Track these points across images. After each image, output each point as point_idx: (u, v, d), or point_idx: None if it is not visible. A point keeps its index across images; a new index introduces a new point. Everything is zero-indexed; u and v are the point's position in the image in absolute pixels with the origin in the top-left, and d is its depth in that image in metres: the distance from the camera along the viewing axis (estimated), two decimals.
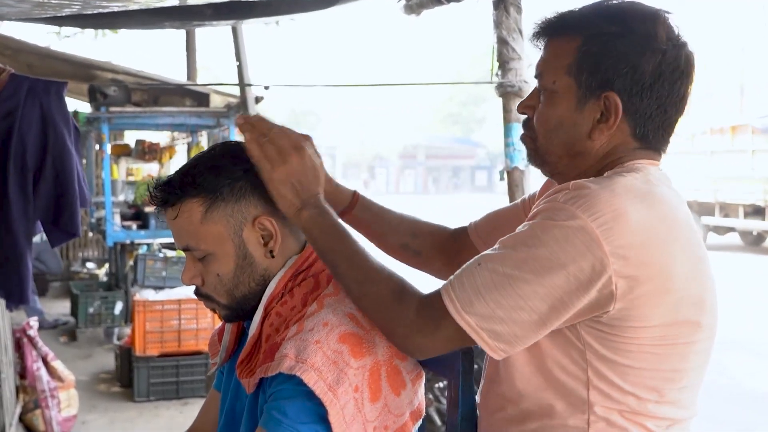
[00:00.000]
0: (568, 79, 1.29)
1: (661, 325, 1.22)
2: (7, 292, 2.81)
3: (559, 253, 1.17)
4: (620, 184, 1.22)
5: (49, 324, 7.63)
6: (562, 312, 1.19)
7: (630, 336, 1.22)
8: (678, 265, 1.22)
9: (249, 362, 1.35)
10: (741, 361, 7.03)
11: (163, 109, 6.98)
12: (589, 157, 1.32)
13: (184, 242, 1.36)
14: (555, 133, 1.32)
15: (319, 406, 1.20)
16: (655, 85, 1.26)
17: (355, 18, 44.60)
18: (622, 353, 1.23)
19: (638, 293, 1.18)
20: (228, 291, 1.37)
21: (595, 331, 1.23)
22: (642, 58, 1.25)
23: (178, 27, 4.55)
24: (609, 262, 1.16)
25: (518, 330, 1.20)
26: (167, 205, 1.35)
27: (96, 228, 8.02)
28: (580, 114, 1.30)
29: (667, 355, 1.24)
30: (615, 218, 1.17)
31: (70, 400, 4.75)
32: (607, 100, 1.27)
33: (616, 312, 1.19)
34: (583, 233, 1.16)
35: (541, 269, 1.18)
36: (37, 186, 2.71)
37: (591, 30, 1.28)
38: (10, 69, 2.69)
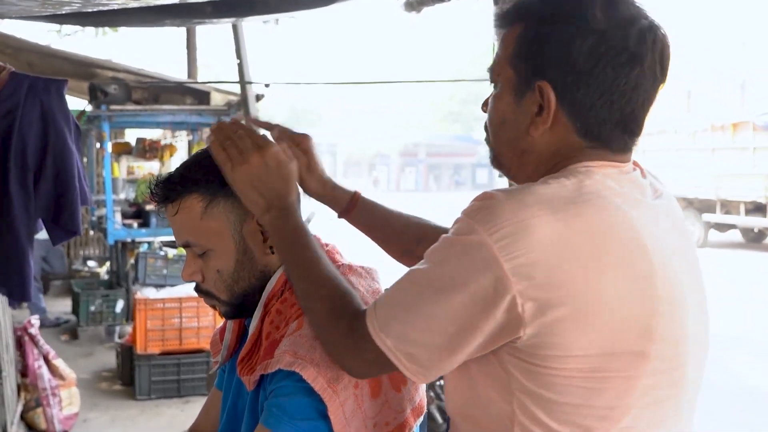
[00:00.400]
0: (509, 70, 1.17)
1: (589, 355, 1.04)
2: (8, 289, 2.80)
3: (459, 271, 1.06)
4: (536, 192, 1.07)
5: (50, 322, 7.64)
6: (470, 336, 1.06)
7: (553, 366, 1.05)
8: (605, 286, 1.03)
9: (249, 359, 1.35)
10: (742, 358, 7.03)
11: (164, 107, 6.98)
12: (533, 157, 1.18)
13: (184, 238, 1.36)
14: (501, 129, 1.20)
15: (319, 402, 1.20)
16: (593, 72, 1.10)
17: (356, 16, 44.58)
18: (547, 386, 1.06)
19: (552, 318, 1.02)
20: (228, 287, 1.37)
21: (515, 359, 1.07)
22: (574, 41, 1.10)
23: (179, 25, 4.55)
24: (511, 281, 1.02)
25: (432, 354, 1.09)
26: (167, 201, 1.36)
27: (97, 226, 8.03)
28: (519, 108, 1.16)
29: (601, 390, 1.06)
30: (517, 232, 1.02)
31: (72, 399, 4.76)
32: (541, 90, 1.13)
33: (529, 338, 1.04)
34: (481, 249, 1.03)
35: (443, 288, 1.06)
36: (38, 184, 2.71)
37: (531, 16, 1.15)
38: (11, 67, 2.69)
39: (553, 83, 1.12)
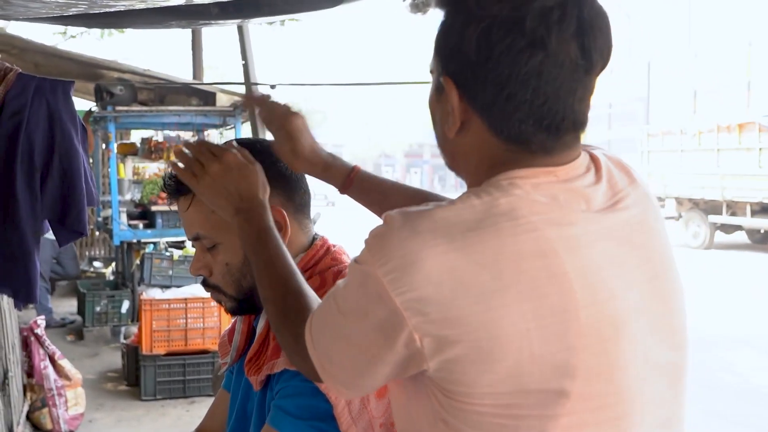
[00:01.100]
0: (436, 68, 1.06)
1: (498, 392, 0.95)
2: (14, 290, 2.81)
3: (359, 300, 0.99)
4: (433, 218, 0.97)
5: (56, 323, 7.66)
6: (376, 364, 1.00)
7: (467, 401, 0.97)
8: (508, 323, 0.93)
9: (257, 360, 1.35)
10: (748, 358, 7.02)
11: (170, 108, 7.00)
12: (462, 160, 1.08)
13: (195, 231, 1.37)
14: (435, 130, 1.10)
15: (325, 402, 1.20)
16: (488, 63, 0.97)
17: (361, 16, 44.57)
18: (462, 419, 0.99)
19: (452, 355, 0.94)
20: (236, 281, 1.37)
21: (435, 390, 1.00)
22: (466, 30, 0.98)
23: (185, 26, 4.55)
24: (404, 316, 0.94)
25: (347, 375, 1.04)
26: (180, 194, 1.37)
27: (103, 227, 8.05)
28: (438, 107, 1.06)
29: (517, 428, 0.97)
30: (405, 266, 0.94)
31: (77, 399, 4.77)
32: (446, 85, 1.02)
33: (434, 373, 0.97)
34: (373, 281, 0.96)
35: (349, 314, 1.01)
36: (45, 185, 2.71)
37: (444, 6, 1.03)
38: (18, 68, 2.70)
39: (454, 79, 1.01)
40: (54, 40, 11.50)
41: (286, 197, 1.38)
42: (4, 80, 2.66)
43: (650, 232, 1.08)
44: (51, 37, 12.08)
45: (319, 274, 1.38)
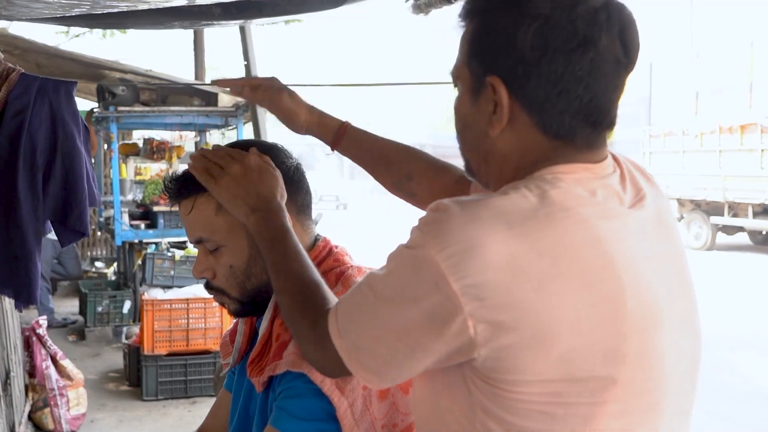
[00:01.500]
0: (465, 69, 1.10)
1: (549, 380, 0.97)
2: (15, 291, 2.81)
3: (410, 285, 0.99)
4: (492, 206, 0.99)
5: (57, 323, 7.66)
6: (419, 353, 1.00)
7: (514, 390, 0.98)
8: (564, 310, 0.95)
9: (259, 361, 1.35)
10: (749, 359, 7.02)
11: (172, 108, 7.00)
12: (498, 160, 1.10)
13: (197, 234, 1.36)
14: (464, 134, 1.14)
15: (327, 404, 1.20)
16: (542, 61, 1.01)
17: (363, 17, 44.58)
18: (508, 409, 0.99)
19: (506, 342, 0.95)
20: (240, 283, 1.37)
21: (477, 379, 1.01)
22: (518, 29, 1.01)
23: (187, 27, 4.55)
24: (461, 302, 0.95)
25: (380, 365, 1.04)
26: (182, 197, 1.36)
27: (105, 227, 8.05)
28: (476, 108, 1.09)
29: (564, 416, 0.98)
30: (466, 250, 0.95)
31: (79, 399, 4.78)
32: (493, 86, 1.05)
33: (484, 361, 0.97)
34: (429, 265, 0.96)
35: (395, 300, 1.01)
36: (47, 185, 2.72)
37: (479, 10, 1.08)
38: (20, 69, 2.70)
39: (503, 77, 1.04)
40: (56, 40, 11.51)
41: (288, 198, 1.37)
42: (7, 80, 2.66)
43: (669, 230, 1.12)
44: (53, 36, 12.09)
45: (322, 275, 1.38)
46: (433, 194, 1.51)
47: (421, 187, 1.59)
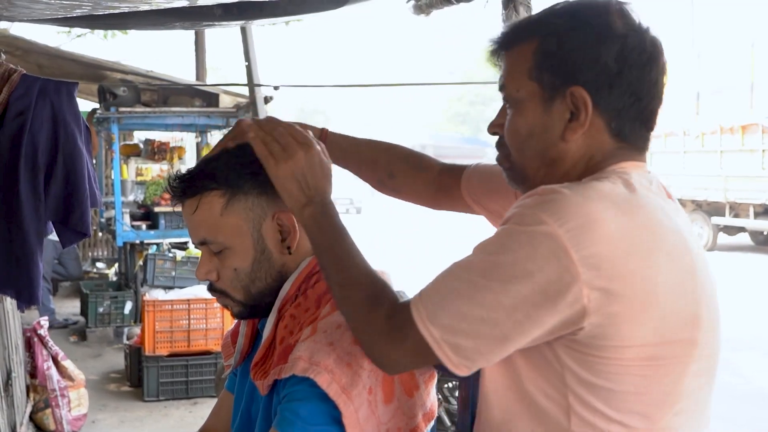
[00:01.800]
0: (530, 83, 1.21)
1: (647, 344, 1.08)
2: (17, 291, 2.81)
3: (525, 261, 1.06)
4: (595, 188, 1.12)
5: (59, 323, 7.67)
6: (528, 327, 1.08)
7: (612, 356, 1.08)
8: (661, 279, 1.09)
9: (263, 364, 1.34)
10: (751, 360, 7.02)
11: (173, 109, 7.00)
12: (565, 163, 1.22)
13: (202, 236, 1.34)
14: (527, 143, 1.23)
15: (333, 408, 1.20)
16: (622, 73, 1.17)
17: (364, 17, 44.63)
18: (605, 375, 1.09)
19: (614, 309, 1.06)
20: (244, 286, 1.36)
21: (572, 351, 1.10)
22: (602, 47, 1.17)
23: (188, 28, 4.56)
24: (579, 272, 1.04)
25: (482, 345, 1.09)
26: (186, 197, 1.34)
27: (106, 228, 8.05)
28: (549, 117, 1.21)
29: (657, 377, 1.10)
30: (585, 224, 1.06)
31: (80, 400, 4.78)
32: (573, 95, 1.18)
33: (592, 329, 1.07)
34: (549, 240, 1.05)
35: (505, 277, 1.07)
36: (48, 186, 2.72)
37: (545, 30, 1.21)
38: (22, 69, 2.71)
39: (586, 87, 1.17)
40: (58, 41, 11.52)
41: None
42: (9, 81, 2.67)
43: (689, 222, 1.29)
44: (55, 37, 12.10)
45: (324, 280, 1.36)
46: (416, 188, 1.68)
47: (404, 183, 1.69)
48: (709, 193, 15.71)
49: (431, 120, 50.96)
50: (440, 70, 45.29)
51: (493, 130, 1.31)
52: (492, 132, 1.31)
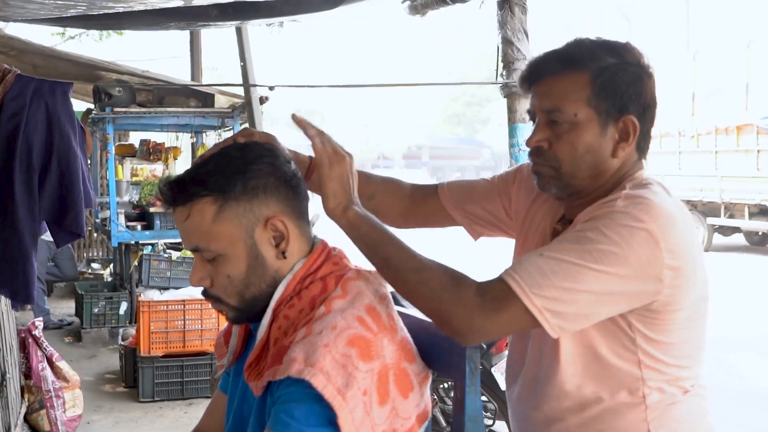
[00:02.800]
0: (588, 109, 1.48)
1: (691, 305, 1.46)
2: (12, 291, 2.81)
3: (624, 249, 1.35)
4: (659, 194, 1.45)
5: (54, 324, 7.65)
6: (619, 300, 1.39)
7: (671, 318, 1.45)
8: (698, 253, 1.47)
9: (257, 365, 1.34)
10: (748, 360, 7.02)
11: (168, 109, 7.00)
12: (608, 174, 1.52)
13: (194, 243, 1.33)
14: (583, 158, 1.50)
15: (327, 409, 1.19)
16: (653, 104, 1.52)
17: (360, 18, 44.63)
18: (666, 333, 1.46)
19: (679, 282, 1.40)
20: (238, 292, 1.35)
21: (643, 317, 1.45)
22: (644, 83, 1.50)
23: (183, 28, 4.55)
24: (663, 256, 1.37)
25: (582, 310, 1.36)
26: (178, 204, 1.33)
27: (101, 228, 8.05)
28: (603, 138, 1.50)
29: (695, 328, 1.51)
30: (668, 221, 1.39)
31: (75, 400, 4.76)
32: (625, 122, 1.49)
33: (663, 299, 1.41)
34: (646, 233, 1.37)
35: (607, 260, 1.35)
36: (43, 186, 2.71)
37: (595, 64, 1.48)
38: (16, 70, 2.70)
39: (635, 115, 1.49)
40: (53, 41, 11.49)
41: (287, 204, 1.36)
42: (3, 81, 2.66)
43: None
44: (49, 38, 12.08)
45: (321, 279, 1.37)
46: (393, 207, 1.86)
47: (383, 203, 1.85)
48: (704, 194, 15.74)
49: (428, 120, 50.97)
50: (437, 70, 45.31)
51: (535, 144, 1.53)
52: (535, 146, 1.53)
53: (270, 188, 1.33)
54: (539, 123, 1.53)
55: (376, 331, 1.30)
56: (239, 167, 1.32)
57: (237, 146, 1.38)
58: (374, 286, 1.40)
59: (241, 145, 1.39)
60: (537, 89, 1.53)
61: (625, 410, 1.52)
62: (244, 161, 1.33)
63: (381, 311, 1.35)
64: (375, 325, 1.30)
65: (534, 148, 1.53)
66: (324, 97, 47.21)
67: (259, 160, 1.34)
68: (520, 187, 1.78)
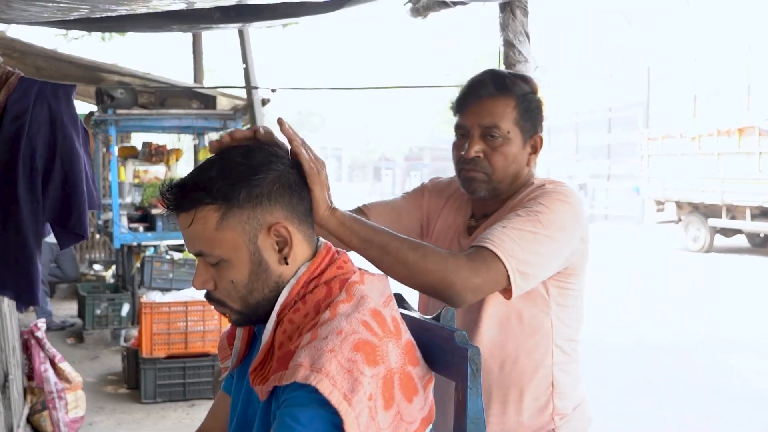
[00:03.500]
0: (516, 128, 1.86)
1: (584, 270, 1.87)
2: (16, 293, 2.82)
3: (565, 219, 1.75)
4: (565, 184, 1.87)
5: (56, 325, 7.65)
6: (562, 260, 1.76)
7: (574, 282, 1.85)
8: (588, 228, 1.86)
9: (262, 369, 1.34)
10: (749, 361, 7.03)
11: (170, 111, 7.01)
12: (521, 179, 1.91)
13: (197, 248, 1.33)
14: (510, 166, 1.87)
15: (332, 414, 1.19)
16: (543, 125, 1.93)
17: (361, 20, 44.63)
18: (568, 298, 1.85)
19: (583, 247, 1.83)
20: (242, 297, 1.35)
21: (557, 282, 1.82)
22: (543, 109, 1.91)
23: (186, 30, 4.56)
24: (579, 225, 1.79)
25: (539, 272, 1.71)
26: (181, 210, 1.32)
27: (103, 230, 8.05)
28: (524, 151, 1.89)
29: (582, 297, 1.90)
30: (578, 200, 1.83)
31: (78, 402, 4.77)
32: (535, 139, 1.90)
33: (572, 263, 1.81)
34: (570, 206, 1.78)
35: (556, 228, 1.72)
36: (46, 188, 2.72)
37: (518, 91, 1.87)
38: (20, 72, 2.71)
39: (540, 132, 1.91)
40: (55, 43, 11.52)
41: (290, 210, 1.35)
42: (6, 84, 2.67)
43: None
44: (52, 39, 12.10)
45: (325, 283, 1.36)
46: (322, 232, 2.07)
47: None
48: (706, 195, 15.74)
49: (428, 121, 50.89)
50: (437, 71, 45.23)
51: (475, 155, 1.85)
52: (474, 156, 1.85)
53: (274, 195, 1.33)
54: (475, 136, 1.85)
55: (382, 335, 1.29)
56: (244, 175, 1.31)
57: (241, 151, 1.36)
58: (378, 289, 1.40)
59: (245, 149, 1.37)
60: (476, 108, 1.86)
61: (539, 368, 1.85)
62: (249, 168, 1.32)
63: (386, 315, 1.35)
64: (380, 329, 1.30)
65: (472, 157, 1.85)
66: (324, 98, 47.18)
67: (265, 167, 1.33)
68: (430, 198, 2.08)
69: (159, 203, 6.94)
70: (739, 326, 8.39)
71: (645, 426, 5.37)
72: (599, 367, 6.81)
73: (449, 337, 1.42)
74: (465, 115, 1.90)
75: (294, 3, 3.31)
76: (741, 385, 6.32)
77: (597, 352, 7.25)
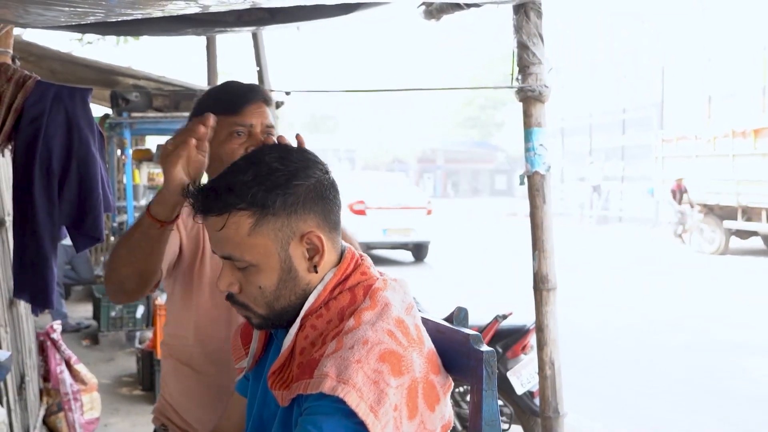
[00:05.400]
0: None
1: None
2: (31, 296, 2.83)
3: None
4: None
5: (71, 327, 7.70)
6: None
7: None
8: None
9: (281, 373, 1.33)
10: (763, 364, 6.97)
11: (184, 114, 7.02)
12: None
13: (227, 252, 1.31)
14: None
15: (356, 425, 1.19)
16: None
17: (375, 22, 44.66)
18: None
19: None
20: (268, 303, 1.34)
21: None
22: None
23: (201, 34, 4.58)
24: None
25: None
26: (211, 213, 1.30)
27: (118, 232, 8.09)
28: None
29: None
30: None
31: (93, 403, 4.79)
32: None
33: None
34: None
35: None
36: (62, 191, 2.74)
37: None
38: (36, 76, 2.73)
39: None
40: (70, 47, 11.59)
41: (323, 218, 1.34)
42: (23, 88, 2.69)
43: None
44: (67, 43, 12.18)
45: (349, 290, 1.36)
46: None
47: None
48: (721, 197, 15.64)
49: (441, 124, 50.87)
50: (450, 74, 45.25)
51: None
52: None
53: (309, 203, 1.31)
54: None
55: (406, 345, 1.28)
56: (280, 181, 1.29)
57: (277, 155, 1.33)
58: (400, 296, 1.39)
59: (282, 152, 1.35)
60: None
61: None
62: (286, 175, 1.30)
63: (408, 323, 1.34)
64: (404, 338, 1.29)
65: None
66: (338, 101, 47.28)
67: (302, 174, 1.31)
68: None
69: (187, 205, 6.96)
70: (753, 329, 8.33)
71: (657, 428, 5.34)
72: (611, 370, 6.78)
73: (464, 340, 1.42)
74: None
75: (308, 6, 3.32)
76: (754, 389, 6.27)
77: (610, 355, 7.22)
